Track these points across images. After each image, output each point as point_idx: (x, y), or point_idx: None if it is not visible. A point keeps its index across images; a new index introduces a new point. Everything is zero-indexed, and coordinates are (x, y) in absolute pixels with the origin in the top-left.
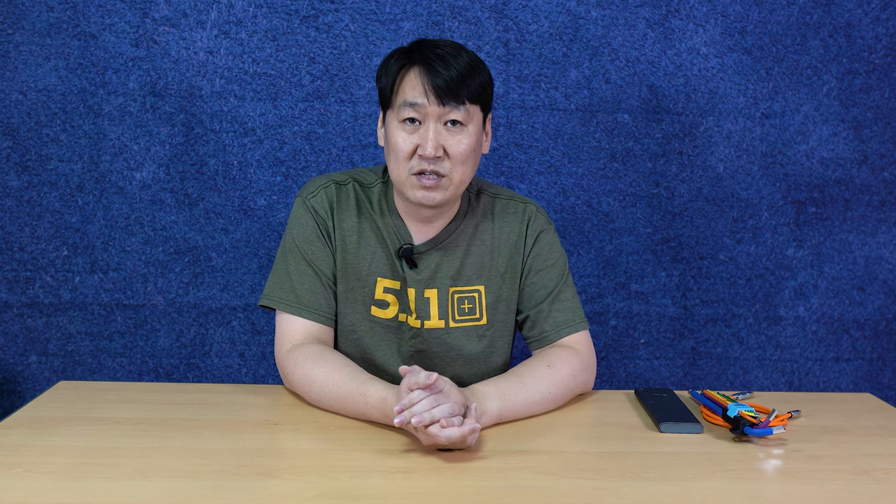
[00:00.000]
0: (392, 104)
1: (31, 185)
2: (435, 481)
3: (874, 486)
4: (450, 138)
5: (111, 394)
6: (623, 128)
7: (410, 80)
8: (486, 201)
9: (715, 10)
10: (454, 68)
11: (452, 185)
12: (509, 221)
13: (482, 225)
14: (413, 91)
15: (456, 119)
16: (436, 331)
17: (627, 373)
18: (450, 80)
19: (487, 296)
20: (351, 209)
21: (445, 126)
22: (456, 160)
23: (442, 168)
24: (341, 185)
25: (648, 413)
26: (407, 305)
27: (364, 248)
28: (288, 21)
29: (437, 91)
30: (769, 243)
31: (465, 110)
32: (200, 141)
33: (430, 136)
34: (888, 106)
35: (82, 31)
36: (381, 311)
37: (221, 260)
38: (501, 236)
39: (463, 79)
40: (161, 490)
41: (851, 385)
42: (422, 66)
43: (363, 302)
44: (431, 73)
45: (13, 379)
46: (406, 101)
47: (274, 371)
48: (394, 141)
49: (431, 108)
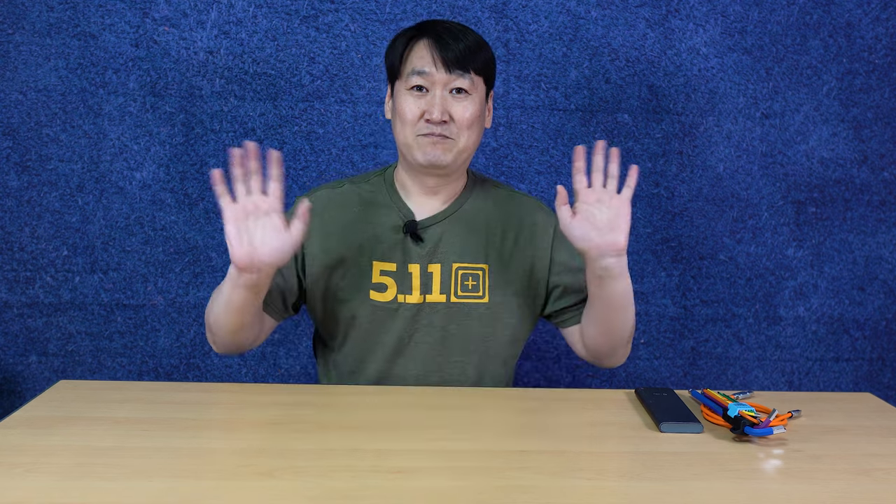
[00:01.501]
0: (400, 74)
1: (31, 185)
2: (435, 481)
3: (874, 486)
4: (455, 104)
5: (111, 394)
6: (623, 128)
7: (419, 50)
8: (492, 188)
9: (715, 10)
10: (462, 41)
11: (457, 147)
12: (523, 212)
13: (489, 208)
14: (421, 60)
15: (462, 87)
16: (437, 305)
17: (627, 373)
18: (457, 51)
19: (491, 276)
20: (345, 205)
21: (451, 94)
22: (461, 125)
23: (448, 132)
24: (334, 187)
25: (648, 413)
26: (408, 284)
27: (359, 236)
28: (288, 21)
29: (444, 60)
30: (769, 243)
31: (471, 80)
32: (200, 141)
33: (437, 101)
34: (888, 106)
35: (82, 31)
36: (379, 294)
37: (221, 260)
38: (511, 223)
39: (470, 51)
40: (161, 490)
41: (851, 385)
42: (431, 38)
43: (362, 288)
44: (440, 43)
45: (13, 379)
46: (414, 70)
47: (274, 371)
48: (402, 107)
49: (439, 76)
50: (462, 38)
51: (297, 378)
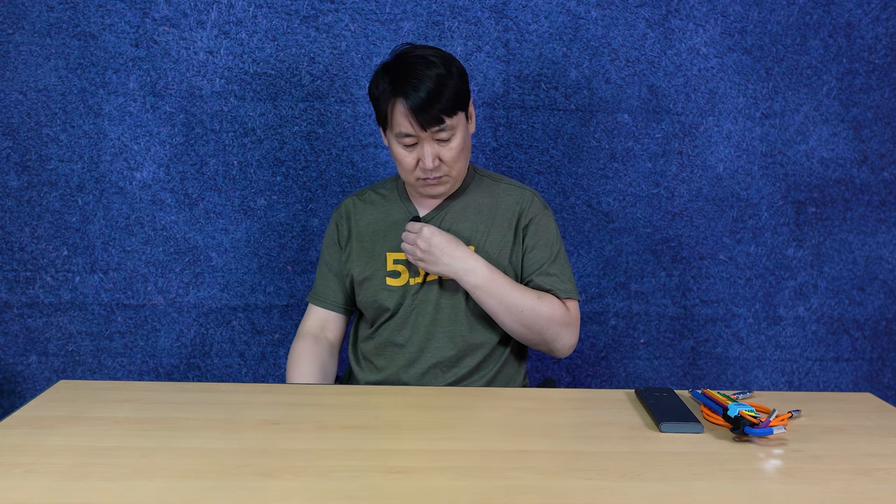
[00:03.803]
0: (389, 128)
1: (31, 185)
2: (435, 481)
3: (874, 486)
4: (442, 149)
5: (111, 393)
6: (623, 128)
7: (398, 115)
8: (488, 184)
9: (715, 10)
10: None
11: (452, 178)
12: (508, 202)
13: (481, 200)
14: (403, 123)
15: (444, 137)
16: (433, 284)
17: (627, 373)
18: (430, 111)
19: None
20: (368, 209)
21: (437, 141)
22: (451, 162)
23: (441, 171)
24: (360, 195)
25: (648, 413)
26: (416, 269)
27: (379, 233)
28: (288, 21)
29: (421, 123)
30: (769, 243)
31: (450, 123)
32: (200, 141)
33: (427, 152)
34: (888, 106)
35: (82, 31)
36: (394, 280)
37: (221, 260)
38: (499, 212)
39: (442, 105)
40: (161, 490)
41: (851, 385)
42: (405, 104)
43: (381, 277)
44: (414, 108)
45: (13, 379)
46: (401, 133)
47: (274, 371)
48: (397, 156)
49: (423, 134)
50: (430, 93)
51: None
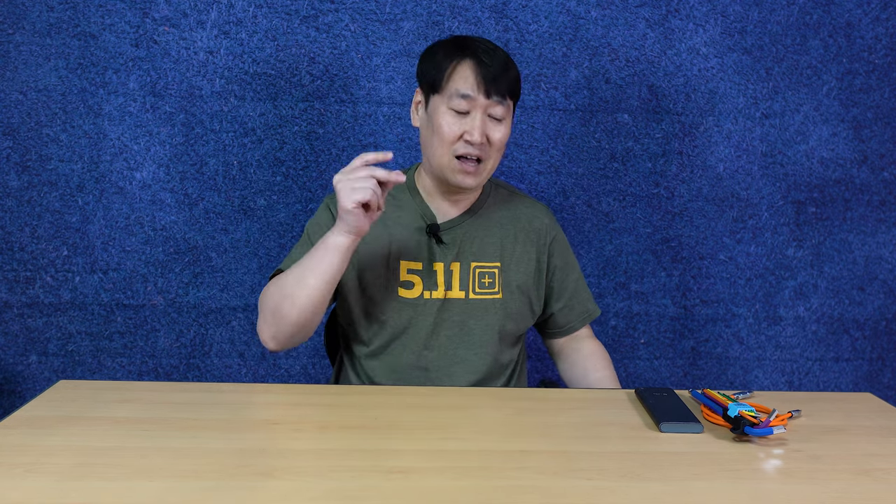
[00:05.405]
0: (441, 90)
1: (31, 185)
2: (435, 481)
3: (874, 486)
4: (492, 128)
5: (111, 394)
6: (623, 128)
7: (464, 71)
8: (504, 195)
9: (715, 10)
10: (503, 67)
11: (486, 170)
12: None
13: (503, 213)
14: (465, 83)
15: (498, 114)
16: (457, 301)
17: (627, 373)
18: (500, 78)
19: (503, 274)
20: None
21: (489, 118)
22: (495, 147)
23: (484, 153)
24: None
25: (648, 413)
26: (434, 281)
27: (387, 236)
28: (288, 21)
29: (488, 86)
30: (769, 243)
31: (507, 105)
32: (200, 141)
33: (478, 124)
34: (888, 106)
35: (82, 31)
36: (407, 291)
37: (221, 260)
38: (519, 226)
39: (509, 78)
40: (161, 490)
41: (851, 385)
42: (475, 61)
43: (391, 286)
44: (483, 67)
45: (13, 379)
46: (459, 92)
47: (274, 371)
48: (441, 125)
49: (480, 101)
50: (502, 64)
51: (297, 378)
